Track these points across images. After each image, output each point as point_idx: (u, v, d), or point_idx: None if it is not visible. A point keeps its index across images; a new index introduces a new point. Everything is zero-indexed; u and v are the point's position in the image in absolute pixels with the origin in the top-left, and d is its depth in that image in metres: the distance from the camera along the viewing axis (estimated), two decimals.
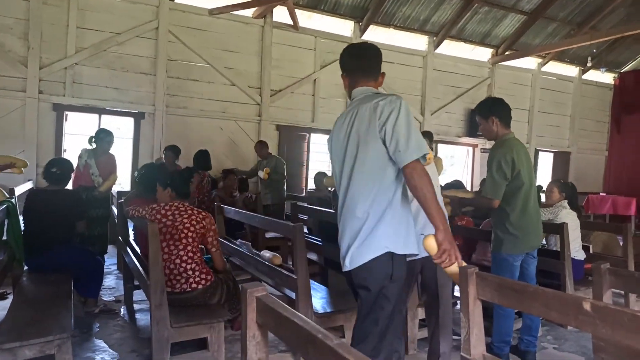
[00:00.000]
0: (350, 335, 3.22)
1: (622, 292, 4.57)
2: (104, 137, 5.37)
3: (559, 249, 4.04)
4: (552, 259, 4.04)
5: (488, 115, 3.18)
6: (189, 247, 3.08)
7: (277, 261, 3.44)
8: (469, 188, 9.19)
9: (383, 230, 2.02)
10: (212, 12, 7.84)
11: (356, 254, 2.06)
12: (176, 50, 7.75)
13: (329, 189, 7.13)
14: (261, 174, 6.83)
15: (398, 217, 2.05)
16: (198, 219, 3.12)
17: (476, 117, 3.32)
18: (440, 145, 10.31)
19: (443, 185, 4.57)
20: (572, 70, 11.96)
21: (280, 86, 8.62)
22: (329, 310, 3.19)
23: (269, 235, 6.03)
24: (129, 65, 7.46)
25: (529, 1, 9.57)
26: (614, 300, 4.46)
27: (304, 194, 8.52)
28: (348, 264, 2.10)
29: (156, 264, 2.78)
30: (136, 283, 4.06)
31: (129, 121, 7.69)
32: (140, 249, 3.88)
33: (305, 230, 5.96)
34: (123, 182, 7.56)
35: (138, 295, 4.31)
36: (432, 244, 1.94)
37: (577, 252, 4.29)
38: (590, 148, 12.15)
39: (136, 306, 4.22)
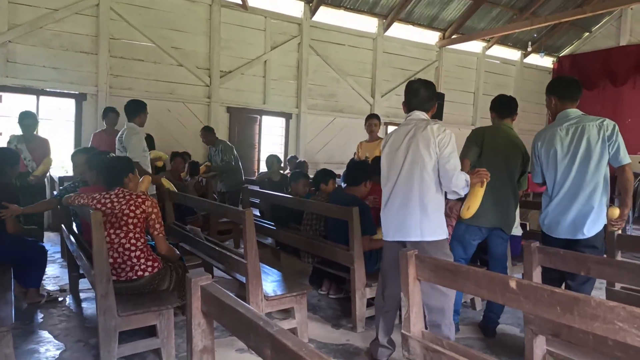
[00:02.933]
0: (301, 316, 3.32)
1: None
2: (21, 120, 5.17)
3: None
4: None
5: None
6: (131, 235, 3.01)
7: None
8: None
9: (601, 211, 3.03)
10: None
11: (592, 226, 3.01)
12: (119, 29, 7.42)
13: (287, 172, 7.15)
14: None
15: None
16: (137, 204, 3.02)
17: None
18: (390, 128, 10.50)
19: None
20: (514, 54, 12.42)
21: (230, 67, 8.47)
22: (279, 293, 3.24)
23: (221, 219, 5.99)
24: (68, 43, 7.09)
25: None
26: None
27: (255, 177, 8.48)
28: (587, 232, 3.02)
29: (101, 253, 2.72)
30: (82, 271, 3.95)
31: (70, 103, 7.34)
32: (83, 236, 3.77)
33: (257, 213, 5.99)
34: (66, 166, 7.25)
35: (84, 283, 4.20)
36: (616, 212, 3.06)
37: (515, 228, 4.53)
38: (530, 129, 12.69)
39: (82, 295, 4.11)
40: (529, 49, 12.10)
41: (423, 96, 2.91)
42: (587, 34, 12.44)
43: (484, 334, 3.56)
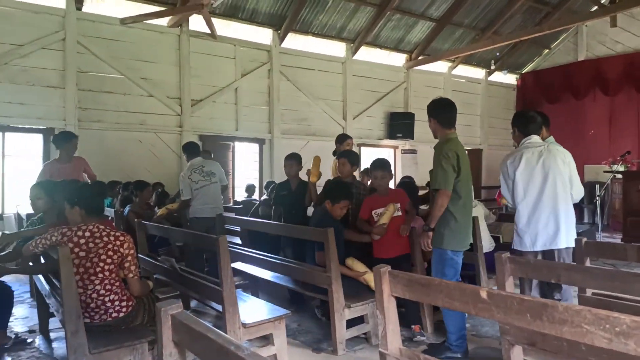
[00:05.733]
0: (280, 341, 3.26)
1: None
2: None
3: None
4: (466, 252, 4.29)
5: (429, 117, 3.43)
6: (107, 281, 2.84)
7: None
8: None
9: None
10: (124, 21, 7.56)
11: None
12: (86, 62, 7.38)
13: (263, 197, 7.08)
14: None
15: None
16: (115, 248, 2.83)
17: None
18: (363, 149, 10.61)
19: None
20: (479, 73, 12.81)
21: (200, 96, 8.48)
22: (257, 320, 3.18)
23: None
24: (34, 78, 7.00)
25: (437, 8, 10.15)
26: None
27: (231, 204, 8.41)
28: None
29: (69, 288, 2.63)
30: (52, 310, 3.81)
31: (38, 138, 7.20)
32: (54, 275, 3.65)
33: (237, 240, 5.92)
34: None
35: (55, 322, 4.06)
36: None
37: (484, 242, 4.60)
38: (499, 144, 13.04)
39: (53, 334, 3.97)
40: (493, 67, 12.50)
41: (539, 122, 3.53)
42: (547, 50, 12.94)
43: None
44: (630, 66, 11.11)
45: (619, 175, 8.37)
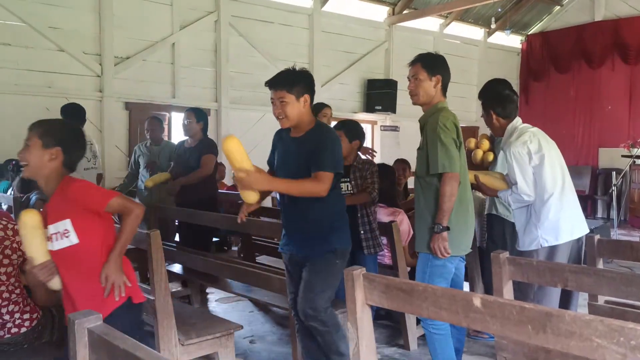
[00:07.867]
0: None
1: None
2: None
3: None
4: None
5: (433, 72, 3.17)
6: (3, 287, 2.78)
7: None
8: None
9: None
10: None
11: None
12: None
13: None
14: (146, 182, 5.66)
15: None
16: (14, 245, 2.77)
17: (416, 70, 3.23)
18: (334, 123, 10.61)
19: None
20: (477, 33, 13.00)
21: (127, 52, 8.27)
22: (198, 336, 3.18)
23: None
24: None
25: None
26: None
27: None
28: None
29: None
30: None
31: None
32: None
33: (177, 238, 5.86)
34: None
35: None
36: None
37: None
38: None
39: None
40: (493, 26, 12.70)
41: (516, 102, 3.67)
42: (558, 7, 13.24)
43: None
44: None
45: None
